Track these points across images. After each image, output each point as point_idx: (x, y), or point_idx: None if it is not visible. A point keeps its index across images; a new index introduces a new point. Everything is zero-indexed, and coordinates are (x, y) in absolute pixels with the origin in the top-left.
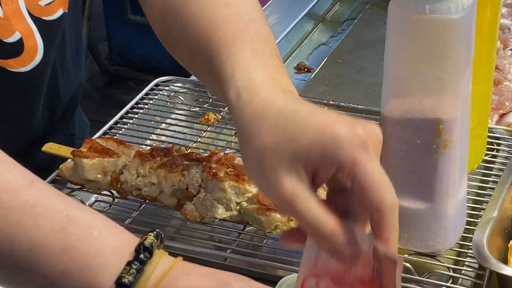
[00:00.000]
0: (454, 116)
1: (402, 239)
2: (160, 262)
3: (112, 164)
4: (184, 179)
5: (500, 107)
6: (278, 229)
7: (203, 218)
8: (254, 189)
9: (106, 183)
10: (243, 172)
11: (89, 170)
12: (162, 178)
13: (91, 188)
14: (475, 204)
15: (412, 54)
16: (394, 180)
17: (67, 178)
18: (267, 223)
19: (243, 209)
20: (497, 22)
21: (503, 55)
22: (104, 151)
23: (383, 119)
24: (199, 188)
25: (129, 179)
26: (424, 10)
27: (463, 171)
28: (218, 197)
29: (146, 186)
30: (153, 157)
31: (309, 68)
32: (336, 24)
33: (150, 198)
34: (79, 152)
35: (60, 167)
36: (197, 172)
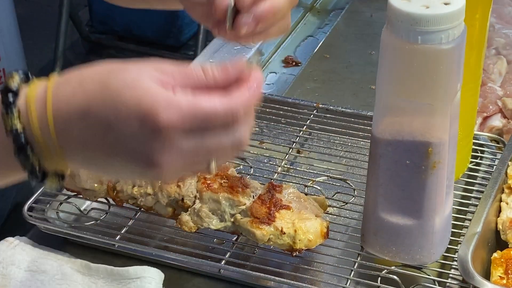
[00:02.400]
0: (443, 140)
1: (390, 252)
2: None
3: None
4: (180, 191)
5: (484, 110)
6: (271, 242)
7: (198, 228)
8: (248, 201)
9: (103, 191)
10: (237, 184)
11: (86, 180)
12: (158, 189)
13: (87, 195)
14: (458, 214)
15: (404, 81)
16: (384, 197)
17: (65, 186)
18: (260, 236)
19: (237, 221)
20: (485, 37)
21: (487, 54)
22: None
23: (374, 140)
24: (194, 199)
25: (125, 188)
26: (416, 40)
27: (449, 189)
28: (213, 208)
29: (142, 196)
30: None
31: (297, 62)
32: (323, 14)
33: (146, 208)
34: None
35: None
36: (192, 183)
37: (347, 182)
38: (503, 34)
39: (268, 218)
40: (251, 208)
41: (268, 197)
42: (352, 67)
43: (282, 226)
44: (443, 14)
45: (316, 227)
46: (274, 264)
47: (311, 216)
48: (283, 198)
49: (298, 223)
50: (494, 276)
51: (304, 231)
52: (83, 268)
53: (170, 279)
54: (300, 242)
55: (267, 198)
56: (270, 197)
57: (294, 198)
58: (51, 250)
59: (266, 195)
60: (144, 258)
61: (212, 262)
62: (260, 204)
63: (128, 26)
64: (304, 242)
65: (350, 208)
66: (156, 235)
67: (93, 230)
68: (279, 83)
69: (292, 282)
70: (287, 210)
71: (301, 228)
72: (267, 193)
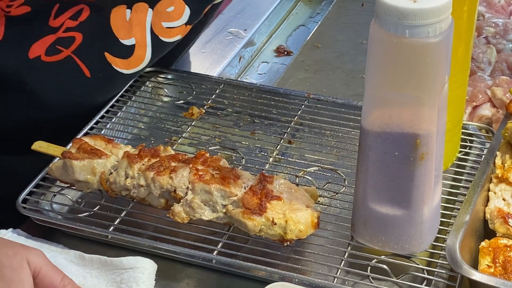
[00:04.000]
0: (431, 131)
1: (379, 242)
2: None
3: (101, 165)
4: (172, 182)
5: (473, 99)
6: (263, 232)
7: (190, 219)
8: (239, 192)
9: (96, 183)
10: (229, 175)
11: (79, 172)
12: (150, 181)
13: (80, 187)
14: (447, 203)
15: (392, 74)
16: (373, 188)
17: (57, 177)
18: (251, 226)
19: (228, 212)
20: (473, 28)
21: (477, 43)
22: (93, 151)
23: (364, 131)
24: (186, 190)
25: (118, 180)
26: (404, 33)
27: (438, 179)
28: (205, 199)
29: (135, 188)
30: (141, 158)
31: (289, 51)
32: (315, 3)
33: (138, 199)
34: (69, 154)
35: (50, 166)
36: (185, 174)
37: (338, 172)
38: (493, 23)
39: (260, 209)
40: (242, 199)
41: (259, 188)
42: (343, 57)
43: (273, 216)
44: (430, 8)
45: (307, 217)
46: (266, 254)
47: (301, 207)
48: (274, 189)
49: (289, 213)
50: (482, 265)
51: (295, 221)
52: (77, 259)
53: (163, 270)
54: (291, 233)
55: (258, 189)
56: (261, 188)
57: (285, 188)
58: (45, 241)
59: (257, 186)
60: (137, 249)
61: (204, 252)
62: (251, 195)
63: None
64: (295, 233)
65: (341, 198)
66: (149, 226)
67: (87, 221)
68: (270, 73)
69: (283, 272)
70: (278, 201)
71: (292, 218)
72: (258, 184)
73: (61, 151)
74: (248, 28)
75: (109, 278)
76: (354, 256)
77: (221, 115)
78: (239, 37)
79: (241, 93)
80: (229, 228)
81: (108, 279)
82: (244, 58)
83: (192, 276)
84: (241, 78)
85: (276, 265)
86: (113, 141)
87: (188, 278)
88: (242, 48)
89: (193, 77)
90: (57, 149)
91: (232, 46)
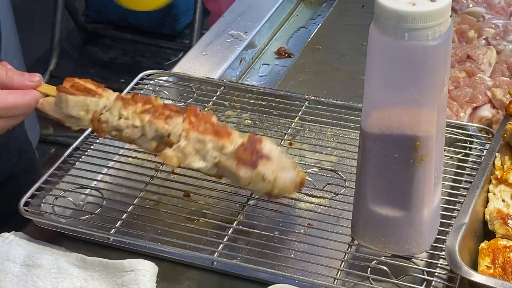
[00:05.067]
0: (430, 133)
1: (379, 243)
2: None
3: (95, 103)
4: (168, 127)
5: (473, 100)
6: (251, 185)
7: (179, 165)
8: (231, 146)
9: (87, 120)
10: (221, 130)
11: (73, 106)
12: (146, 123)
13: (70, 123)
14: (447, 204)
15: (391, 77)
16: (373, 190)
17: (47, 112)
18: (243, 179)
19: (221, 163)
20: None
21: (477, 44)
22: (87, 90)
23: (363, 133)
24: (179, 137)
25: (110, 120)
26: (403, 37)
27: (437, 180)
28: (197, 148)
29: (128, 128)
30: (135, 102)
31: (289, 53)
32: (316, 5)
33: (129, 140)
34: (64, 88)
35: (40, 100)
36: (179, 122)
37: (338, 174)
38: (493, 24)
39: (252, 163)
40: (236, 151)
41: (250, 146)
42: (344, 58)
43: (264, 172)
44: (429, 11)
45: (294, 176)
46: (266, 256)
47: (289, 167)
48: (263, 149)
49: (278, 172)
50: (482, 266)
51: (283, 180)
52: (79, 262)
53: (164, 272)
54: (278, 189)
55: (249, 147)
56: (251, 146)
57: (273, 150)
58: (47, 244)
59: (248, 144)
60: (139, 252)
61: (205, 254)
62: (244, 150)
63: (124, 15)
64: (283, 190)
65: (341, 200)
66: (150, 229)
67: (88, 224)
68: (271, 75)
69: (284, 273)
70: (268, 160)
71: (280, 177)
72: (249, 142)
73: (52, 89)
74: (248, 31)
75: (110, 281)
76: (354, 258)
77: (222, 117)
78: (240, 40)
79: (242, 95)
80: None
81: (109, 282)
82: (245, 60)
83: (193, 278)
84: (242, 80)
85: (276, 267)
86: (103, 86)
87: (189, 280)
88: (243, 50)
89: (194, 80)
90: (49, 87)
91: (233, 48)
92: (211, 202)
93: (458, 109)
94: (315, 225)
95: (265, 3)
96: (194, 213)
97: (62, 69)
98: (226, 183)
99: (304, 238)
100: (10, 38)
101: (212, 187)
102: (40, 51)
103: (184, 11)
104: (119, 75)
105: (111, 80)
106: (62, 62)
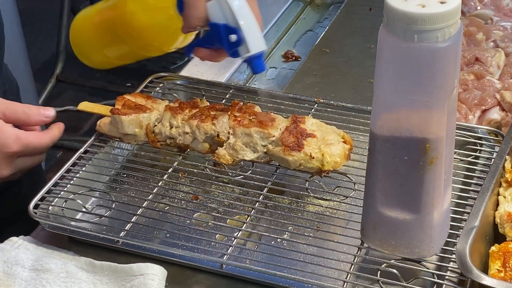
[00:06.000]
0: (440, 136)
1: (389, 246)
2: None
3: (147, 118)
4: (215, 128)
5: (482, 103)
6: (302, 166)
7: (233, 161)
8: (277, 132)
9: (142, 135)
10: (265, 119)
11: (128, 125)
12: (195, 128)
13: (128, 140)
14: (457, 207)
15: (401, 79)
16: (382, 192)
17: (105, 132)
18: (292, 161)
19: (269, 150)
20: None
21: (485, 47)
22: (137, 107)
23: (373, 136)
24: (228, 134)
25: (163, 130)
26: (413, 39)
27: (447, 183)
28: (246, 141)
29: (181, 135)
30: (182, 110)
31: (297, 57)
32: (323, 8)
33: (184, 146)
34: (117, 110)
35: (98, 122)
36: (225, 120)
37: (348, 176)
38: (501, 27)
39: (298, 146)
40: (281, 138)
41: (294, 127)
42: (351, 61)
43: (310, 152)
44: (439, 13)
45: (340, 150)
46: (275, 259)
47: (334, 141)
48: (307, 128)
49: (324, 148)
50: (492, 269)
51: (330, 154)
52: (88, 266)
53: (173, 276)
54: (328, 164)
55: (293, 129)
56: (295, 128)
57: (317, 127)
58: (55, 248)
59: (292, 126)
60: (147, 255)
61: (214, 257)
62: (288, 134)
63: None
64: (331, 164)
65: (351, 202)
66: (159, 232)
67: (97, 227)
68: (279, 78)
69: (293, 276)
70: (313, 138)
71: (327, 152)
72: (292, 124)
73: (106, 110)
74: None
75: (119, 285)
76: (364, 261)
77: None
78: None
79: (250, 98)
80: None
81: (118, 286)
82: None
83: (202, 282)
84: (249, 83)
85: (286, 270)
86: (152, 97)
87: (198, 284)
88: None
89: (202, 83)
90: (102, 108)
91: None
92: (220, 205)
93: (467, 111)
94: (325, 228)
95: (272, 7)
96: (202, 216)
97: (68, 73)
98: (234, 185)
99: (314, 241)
100: (16, 42)
101: (220, 190)
102: (46, 55)
103: None
104: (124, 79)
105: (117, 84)
106: (68, 66)
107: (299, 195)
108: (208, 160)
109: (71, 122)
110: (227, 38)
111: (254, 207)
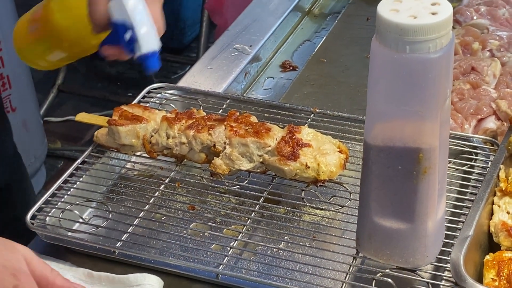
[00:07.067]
0: (433, 145)
1: (384, 255)
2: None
3: (143, 128)
4: (211, 138)
5: (478, 112)
6: (298, 176)
7: (230, 171)
8: (272, 142)
9: (139, 145)
10: (261, 129)
11: (125, 136)
12: (191, 138)
13: (125, 150)
14: (452, 216)
15: (394, 89)
16: (377, 202)
17: (103, 143)
18: (288, 171)
19: (265, 160)
20: None
21: (481, 56)
22: (134, 117)
23: (367, 146)
24: (224, 144)
25: (159, 141)
26: (405, 50)
27: (442, 192)
28: (242, 151)
29: (177, 146)
30: (178, 120)
31: (294, 66)
32: (320, 18)
33: (180, 156)
34: (114, 121)
35: (95, 133)
36: (221, 131)
37: (343, 186)
38: (497, 36)
39: (293, 155)
40: (277, 148)
41: (290, 137)
42: (348, 71)
43: (306, 161)
44: (430, 24)
45: (336, 159)
46: (271, 269)
47: (330, 151)
48: (303, 138)
49: (320, 157)
50: (487, 278)
51: (325, 164)
52: (85, 277)
53: (169, 286)
54: (323, 174)
55: (289, 139)
56: (291, 138)
57: (313, 136)
58: (53, 259)
59: (288, 136)
60: (144, 266)
61: (210, 267)
62: (284, 144)
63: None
64: (327, 174)
65: (346, 212)
66: (156, 242)
67: (94, 237)
68: (276, 88)
69: (289, 286)
70: (308, 148)
71: (323, 162)
72: (288, 134)
73: (103, 120)
74: (253, 44)
75: None
76: (359, 270)
77: None
78: (245, 53)
79: (247, 108)
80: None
81: None
82: (250, 73)
83: None
84: (247, 93)
85: (281, 279)
86: (149, 108)
87: None
88: (248, 63)
89: (199, 93)
90: (99, 118)
91: (238, 62)
92: (216, 215)
93: (462, 121)
94: (321, 237)
95: (270, 17)
96: (199, 226)
97: (70, 84)
98: (230, 195)
99: (310, 251)
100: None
101: (217, 200)
102: None
103: (191, 25)
104: (126, 89)
105: (118, 94)
106: (69, 76)
107: (295, 204)
108: (205, 170)
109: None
110: (124, 36)
111: (250, 217)
